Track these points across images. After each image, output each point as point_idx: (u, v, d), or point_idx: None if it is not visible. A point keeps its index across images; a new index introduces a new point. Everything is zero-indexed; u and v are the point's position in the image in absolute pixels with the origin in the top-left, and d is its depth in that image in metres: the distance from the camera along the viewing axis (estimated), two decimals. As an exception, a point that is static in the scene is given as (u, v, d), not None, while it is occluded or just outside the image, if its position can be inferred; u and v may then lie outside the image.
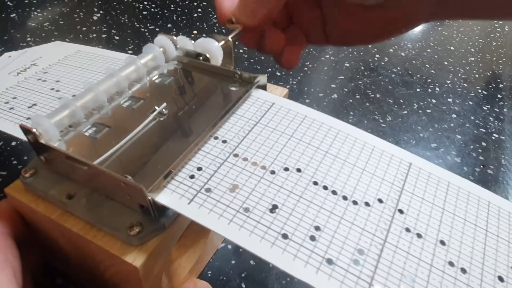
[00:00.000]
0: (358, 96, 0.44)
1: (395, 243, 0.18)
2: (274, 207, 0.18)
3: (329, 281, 0.16)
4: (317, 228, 0.18)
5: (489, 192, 0.21)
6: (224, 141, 0.21)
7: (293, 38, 0.27)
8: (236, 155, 0.21)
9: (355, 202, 0.19)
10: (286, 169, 0.20)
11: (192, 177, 0.19)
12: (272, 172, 0.20)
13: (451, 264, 0.17)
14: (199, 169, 0.20)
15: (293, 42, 0.27)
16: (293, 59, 0.27)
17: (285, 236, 0.17)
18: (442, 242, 0.18)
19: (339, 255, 0.17)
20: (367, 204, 0.19)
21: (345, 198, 0.19)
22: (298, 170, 0.20)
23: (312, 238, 0.17)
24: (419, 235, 0.18)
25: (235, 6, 0.24)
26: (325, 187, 0.20)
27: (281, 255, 0.16)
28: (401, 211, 0.19)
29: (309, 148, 0.22)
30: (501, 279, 0.17)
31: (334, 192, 0.19)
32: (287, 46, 0.27)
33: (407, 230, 0.18)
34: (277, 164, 0.20)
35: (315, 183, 0.20)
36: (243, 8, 0.24)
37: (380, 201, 0.19)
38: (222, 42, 0.27)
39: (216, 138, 0.22)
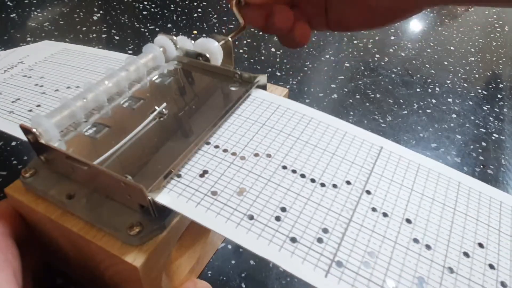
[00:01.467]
0: (358, 96, 0.44)
1: (360, 222, 0.18)
2: (242, 190, 0.19)
3: (292, 258, 0.16)
4: (283, 209, 0.18)
5: (460, 173, 0.21)
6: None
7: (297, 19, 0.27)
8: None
9: (323, 184, 0.20)
10: (256, 154, 0.21)
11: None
12: (242, 158, 0.20)
13: (415, 241, 0.18)
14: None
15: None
16: (306, 33, 0.27)
17: (250, 217, 0.18)
18: (408, 221, 0.19)
19: (303, 234, 0.17)
20: (334, 186, 0.20)
21: (313, 180, 0.20)
22: (268, 155, 0.21)
23: (278, 218, 0.18)
24: (385, 214, 0.19)
25: None
26: (293, 171, 0.20)
27: (245, 234, 0.17)
28: (368, 192, 0.20)
29: (280, 135, 0.22)
30: (466, 254, 0.18)
31: (302, 176, 0.20)
32: (297, 21, 0.26)
33: (373, 209, 0.19)
34: (248, 151, 0.21)
35: (284, 167, 0.20)
36: None
37: (348, 183, 0.20)
38: (222, 42, 0.27)
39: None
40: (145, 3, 0.60)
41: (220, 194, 0.19)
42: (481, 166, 0.36)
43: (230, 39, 0.27)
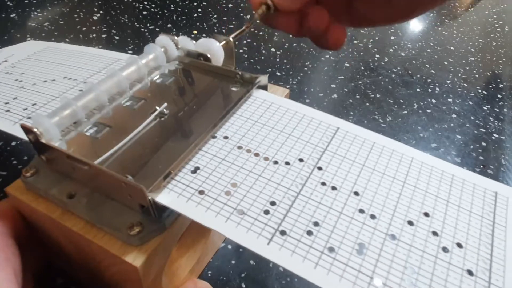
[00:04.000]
0: (358, 96, 0.44)
1: (308, 195, 0.19)
2: (196, 169, 0.20)
3: (237, 228, 0.17)
4: (233, 185, 0.19)
5: (413, 149, 0.22)
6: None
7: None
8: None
9: (276, 162, 0.21)
10: (214, 137, 0.22)
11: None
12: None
13: (361, 211, 0.18)
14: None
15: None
16: (342, 36, 0.26)
17: (201, 192, 0.19)
18: (356, 193, 0.19)
19: (251, 207, 0.18)
20: (287, 163, 0.21)
21: (266, 159, 0.21)
22: (226, 137, 0.22)
23: (228, 193, 0.19)
24: (333, 188, 0.19)
25: None
26: (248, 151, 0.21)
27: (195, 208, 0.18)
28: (320, 168, 0.20)
29: (239, 119, 0.23)
30: (410, 223, 0.18)
31: (256, 155, 0.21)
32: (332, 23, 0.25)
33: (323, 184, 0.20)
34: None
35: (240, 147, 0.21)
36: None
37: (300, 160, 0.21)
38: (223, 42, 0.27)
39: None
40: (145, 3, 0.60)
41: (176, 174, 0.19)
42: (481, 166, 0.36)
43: (231, 39, 0.27)
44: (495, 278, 0.16)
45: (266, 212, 0.18)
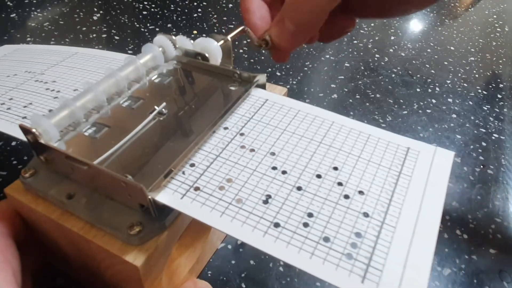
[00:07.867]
0: (358, 96, 0.44)
1: (226, 157, 0.21)
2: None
3: (164, 191, 0.19)
4: None
5: (338, 115, 0.23)
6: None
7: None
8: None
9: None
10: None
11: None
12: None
13: (274, 168, 0.20)
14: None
15: None
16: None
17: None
18: (272, 154, 0.21)
19: (174, 170, 0.20)
20: (213, 132, 0.22)
21: None
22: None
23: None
24: (252, 150, 0.21)
25: (270, 26, 0.23)
26: None
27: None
28: (242, 134, 0.22)
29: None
30: (319, 176, 0.20)
31: None
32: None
33: (242, 147, 0.21)
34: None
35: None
36: (282, 33, 0.22)
37: (225, 128, 0.22)
38: (221, 42, 0.27)
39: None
40: (145, 3, 0.60)
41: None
42: (481, 166, 0.36)
43: (229, 39, 0.27)
44: (389, 219, 0.18)
45: (184, 172, 0.20)
